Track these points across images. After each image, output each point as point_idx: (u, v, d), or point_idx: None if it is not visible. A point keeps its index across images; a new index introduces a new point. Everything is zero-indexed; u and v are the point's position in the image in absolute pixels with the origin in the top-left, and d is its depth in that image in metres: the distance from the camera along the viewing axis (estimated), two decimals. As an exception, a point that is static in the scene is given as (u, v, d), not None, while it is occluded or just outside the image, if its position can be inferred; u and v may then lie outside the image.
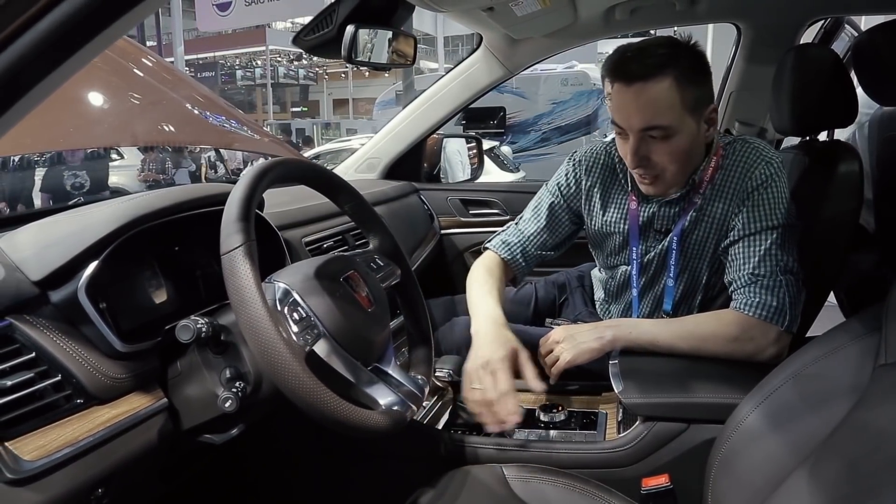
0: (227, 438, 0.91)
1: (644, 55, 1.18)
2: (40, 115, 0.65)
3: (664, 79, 1.17)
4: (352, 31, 1.22)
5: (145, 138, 2.41)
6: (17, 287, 0.80)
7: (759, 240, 1.25)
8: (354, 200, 1.01)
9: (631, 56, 1.19)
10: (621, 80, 1.19)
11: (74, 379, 0.78)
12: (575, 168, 1.48)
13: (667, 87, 1.17)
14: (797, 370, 0.87)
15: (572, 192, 1.48)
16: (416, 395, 0.91)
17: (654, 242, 1.41)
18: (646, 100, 1.18)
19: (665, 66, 1.17)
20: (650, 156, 1.24)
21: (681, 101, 1.19)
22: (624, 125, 1.23)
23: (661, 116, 1.19)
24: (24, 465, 0.70)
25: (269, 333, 0.70)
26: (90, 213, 0.89)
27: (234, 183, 0.86)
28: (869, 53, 1.40)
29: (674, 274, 1.37)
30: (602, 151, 1.47)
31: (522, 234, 1.50)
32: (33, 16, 0.54)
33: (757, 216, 1.26)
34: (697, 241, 1.35)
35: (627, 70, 1.19)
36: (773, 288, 1.20)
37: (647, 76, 1.17)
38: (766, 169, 1.27)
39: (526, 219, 1.52)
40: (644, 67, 1.17)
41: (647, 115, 1.19)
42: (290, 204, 1.39)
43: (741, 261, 1.26)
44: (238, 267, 0.73)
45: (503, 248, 1.49)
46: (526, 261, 1.49)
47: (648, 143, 1.22)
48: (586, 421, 1.30)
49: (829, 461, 0.72)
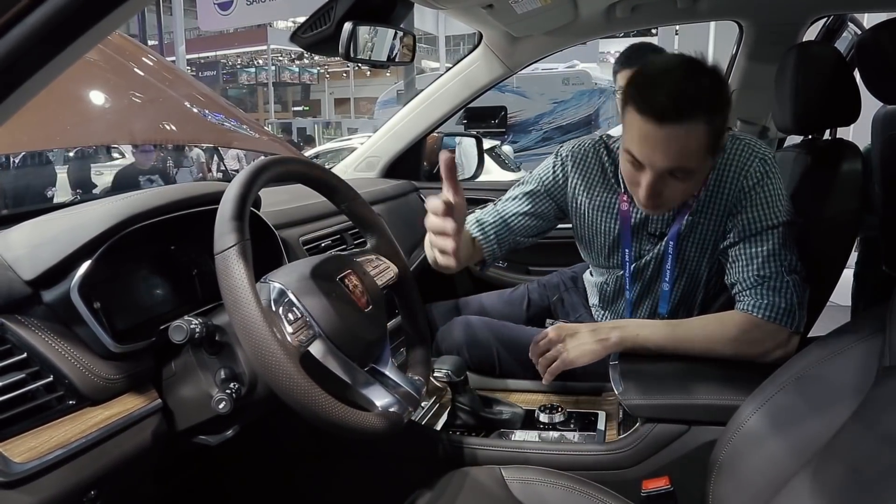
0: (221, 440, 0.90)
1: (677, 92, 1.08)
2: (37, 112, 0.64)
3: (697, 122, 1.09)
4: (349, 29, 1.21)
5: (143, 136, 2.40)
6: (9, 286, 0.79)
7: (762, 240, 1.22)
8: (351, 199, 1.00)
9: (662, 90, 1.09)
10: (651, 117, 1.10)
11: (67, 380, 0.78)
12: (562, 163, 1.42)
13: (698, 130, 1.10)
14: (799, 372, 0.86)
15: (558, 186, 1.42)
16: (413, 396, 0.90)
17: (648, 246, 1.37)
18: (676, 143, 1.10)
19: (698, 106, 1.09)
20: (663, 193, 1.18)
21: (708, 143, 1.13)
22: (644, 161, 1.15)
23: (689, 160, 1.13)
24: (15, 467, 0.69)
25: (262, 334, 0.69)
26: (83, 212, 0.88)
27: (229, 181, 0.85)
28: (872, 51, 1.39)
29: (670, 278, 1.34)
30: (590, 148, 1.41)
31: (499, 215, 1.41)
32: (22, 10, 0.53)
33: (757, 216, 1.23)
34: (695, 244, 1.32)
35: (659, 107, 1.09)
36: (780, 289, 1.19)
37: (680, 119, 1.08)
38: (762, 166, 1.24)
39: (507, 200, 1.44)
40: (678, 108, 1.08)
41: (674, 158, 1.12)
42: (287, 203, 1.38)
43: (744, 262, 1.23)
44: (232, 266, 0.72)
45: (475, 227, 1.40)
46: (499, 243, 1.40)
47: (665, 182, 1.16)
48: (586, 422, 1.29)
49: (831, 465, 0.71)
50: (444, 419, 1.34)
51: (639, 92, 1.12)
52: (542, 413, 1.30)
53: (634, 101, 1.12)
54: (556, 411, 1.30)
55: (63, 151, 5.79)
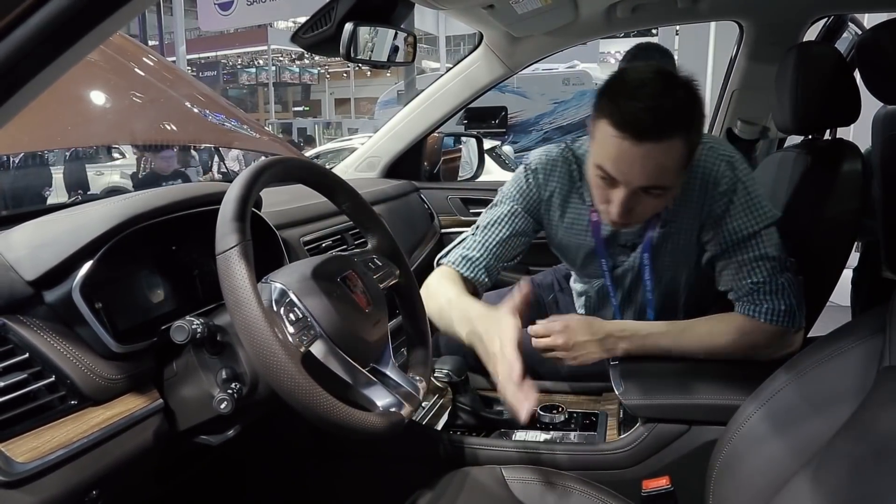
0: (223, 440, 0.91)
1: (656, 107, 1.04)
2: (38, 112, 0.65)
3: (676, 139, 1.06)
4: (350, 29, 1.22)
5: (144, 137, 2.40)
6: (11, 287, 0.79)
7: (748, 247, 1.21)
8: (352, 199, 1.00)
9: (640, 104, 1.04)
10: (629, 133, 1.05)
11: (69, 380, 0.78)
12: (533, 176, 1.37)
13: (676, 147, 1.07)
14: (800, 372, 0.86)
15: (531, 200, 1.38)
16: (414, 396, 0.90)
17: (622, 257, 1.35)
18: (654, 161, 1.07)
19: (676, 122, 1.06)
20: (635, 208, 1.14)
21: (684, 159, 1.11)
22: (619, 178, 1.10)
23: (666, 177, 1.10)
24: (17, 467, 0.69)
25: (264, 334, 0.70)
26: (85, 212, 0.88)
27: (230, 182, 0.86)
28: (873, 52, 1.39)
29: (651, 287, 1.33)
30: (559, 157, 1.36)
31: (485, 247, 1.37)
32: (24, 11, 0.53)
33: (739, 224, 1.21)
34: (669, 253, 1.30)
35: (637, 123, 1.04)
36: (776, 291, 1.19)
37: (660, 136, 1.05)
38: (730, 170, 1.21)
39: (486, 228, 1.38)
40: (657, 125, 1.04)
41: (652, 176, 1.09)
42: (288, 203, 1.38)
43: (734, 271, 1.22)
44: (233, 267, 0.72)
45: (464, 265, 1.36)
46: (489, 275, 1.37)
47: (639, 198, 1.13)
48: (587, 422, 1.30)
49: (831, 465, 0.71)
50: (444, 419, 1.34)
51: (615, 105, 1.07)
52: (542, 413, 1.30)
53: (610, 115, 1.07)
54: (556, 411, 1.30)
55: (62, 152, 5.78)
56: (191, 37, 20.40)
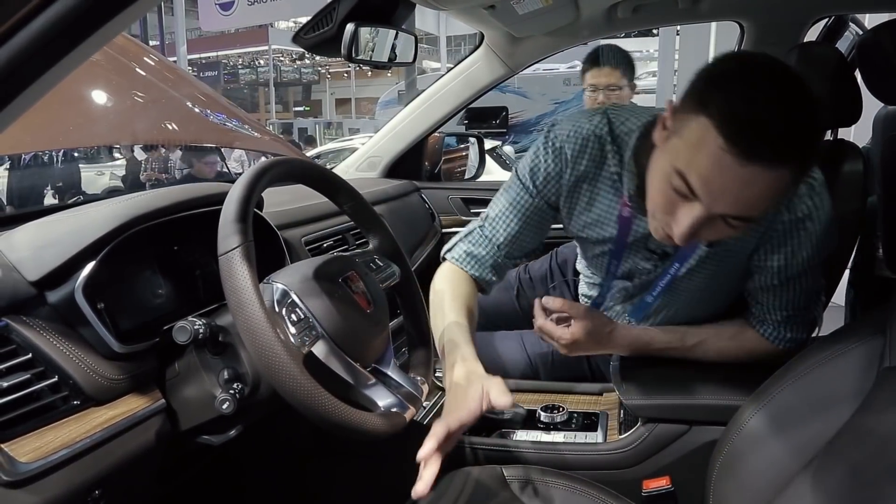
0: (225, 440, 0.91)
1: (784, 129, 0.82)
2: (40, 113, 0.65)
3: (788, 169, 0.85)
4: (352, 30, 1.22)
5: (146, 137, 2.41)
6: (14, 287, 0.79)
7: (799, 281, 1.11)
8: (353, 200, 1.01)
9: (768, 122, 0.82)
10: (742, 151, 0.82)
11: (71, 380, 0.78)
12: (555, 157, 1.16)
13: (783, 179, 0.85)
14: (800, 373, 0.87)
15: (552, 186, 1.18)
16: (416, 396, 0.90)
17: (645, 263, 1.20)
18: (756, 190, 0.86)
19: (796, 152, 0.85)
20: (702, 232, 0.93)
21: (786, 193, 0.91)
22: (703, 196, 0.88)
23: (759, 210, 0.89)
24: (21, 466, 0.69)
25: (266, 335, 0.70)
26: (87, 213, 0.89)
27: (232, 182, 0.86)
28: (874, 52, 1.39)
29: (658, 293, 1.20)
30: (591, 136, 1.13)
31: (492, 244, 1.23)
32: (29, 12, 0.53)
33: (801, 258, 1.08)
34: (707, 275, 1.16)
35: (756, 140, 0.82)
36: (805, 323, 1.16)
37: (775, 161, 0.83)
38: (809, 198, 1.04)
39: (494, 221, 1.23)
40: (778, 148, 0.83)
41: (745, 206, 0.88)
42: (289, 203, 1.38)
43: (772, 298, 1.14)
44: (235, 268, 0.73)
45: (470, 263, 1.24)
46: (498, 275, 1.25)
47: (714, 223, 0.91)
48: (587, 422, 1.29)
49: (831, 466, 0.71)
50: (445, 419, 1.34)
51: (728, 104, 0.83)
52: (543, 413, 1.30)
53: (720, 116, 0.83)
54: (557, 411, 1.30)
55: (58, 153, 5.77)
56: (192, 37, 20.43)
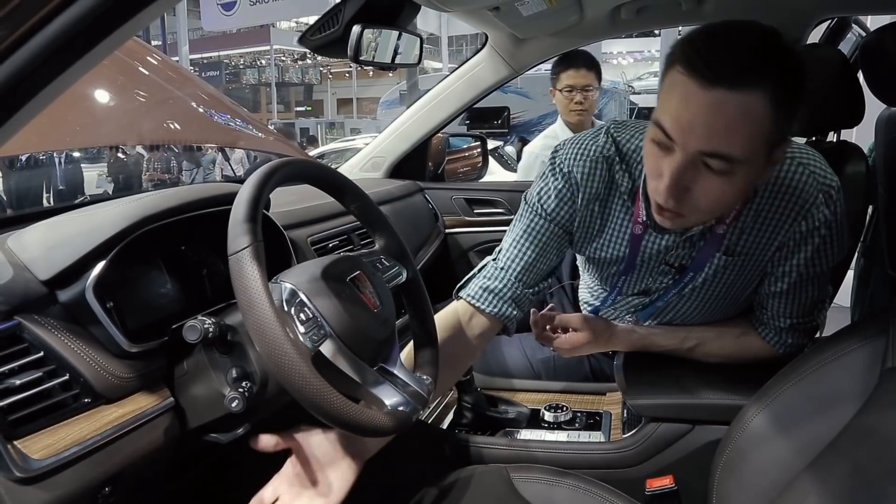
0: (233, 438, 0.92)
1: (738, 48, 0.84)
2: (47, 113, 0.66)
3: (756, 92, 0.83)
4: (358, 32, 1.23)
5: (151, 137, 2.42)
6: (26, 286, 0.80)
7: (810, 286, 1.11)
8: (360, 200, 1.01)
9: (720, 45, 0.84)
10: (698, 75, 0.83)
11: (82, 378, 0.79)
12: (565, 181, 1.13)
13: (756, 105, 0.84)
14: (803, 372, 0.87)
15: (563, 212, 1.15)
16: (422, 395, 0.91)
17: (662, 277, 1.17)
18: (724, 115, 0.85)
19: (764, 74, 0.83)
20: (691, 189, 0.92)
21: (766, 129, 0.87)
22: (676, 136, 0.88)
23: (734, 144, 0.86)
24: (33, 463, 0.70)
25: (276, 334, 0.70)
26: (97, 213, 0.89)
27: (240, 182, 0.86)
28: (877, 54, 1.40)
29: (668, 298, 1.19)
30: (599, 157, 1.11)
31: (509, 275, 1.17)
32: (46, 15, 0.54)
33: (814, 262, 1.07)
34: (723, 286, 1.14)
35: (712, 63, 0.83)
36: (809, 330, 1.17)
37: (737, 82, 0.82)
38: (827, 204, 1.02)
39: (508, 251, 1.18)
40: (736, 67, 0.82)
41: (715, 135, 0.86)
42: (295, 203, 1.39)
43: (780, 308, 1.13)
44: (245, 268, 0.73)
45: (487, 299, 1.16)
46: (518, 308, 1.18)
47: (698, 172, 0.90)
48: (591, 421, 1.31)
49: (834, 466, 0.71)
50: (450, 418, 1.35)
51: (690, 46, 0.86)
52: (547, 412, 1.31)
53: (682, 57, 0.86)
54: (561, 410, 1.31)
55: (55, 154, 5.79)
56: (194, 37, 20.45)
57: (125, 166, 8.09)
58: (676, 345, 1.21)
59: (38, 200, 5.22)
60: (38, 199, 5.19)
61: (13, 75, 0.54)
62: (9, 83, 0.55)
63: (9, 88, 0.55)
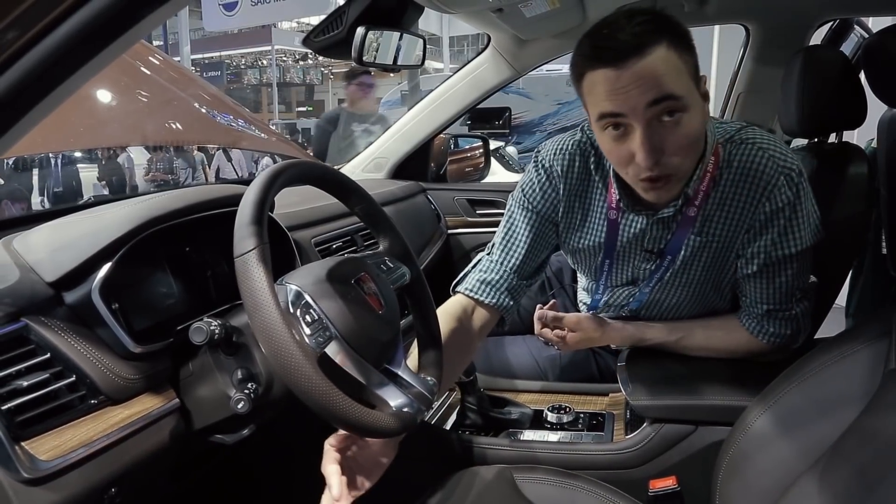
0: (238, 439, 0.92)
1: (627, 31, 0.97)
2: (52, 114, 0.66)
3: (659, 47, 0.96)
4: (362, 34, 1.23)
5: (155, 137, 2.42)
6: (32, 288, 0.81)
7: (781, 269, 1.14)
8: (364, 202, 1.02)
9: (611, 36, 0.98)
10: (611, 64, 0.97)
11: (88, 379, 0.79)
12: (547, 174, 1.23)
13: (665, 55, 0.97)
14: (806, 374, 0.87)
15: (548, 204, 1.24)
16: (426, 396, 0.91)
17: (645, 263, 1.23)
18: (648, 76, 0.96)
19: (655, 35, 0.97)
20: (663, 147, 1.01)
21: (683, 67, 0.99)
22: (625, 108, 0.99)
23: (671, 84, 0.97)
24: (40, 464, 0.70)
25: (282, 336, 0.71)
26: (103, 215, 0.90)
27: (245, 184, 0.87)
28: (879, 55, 1.40)
29: (653, 283, 1.24)
30: (575, 150, 1.22)
31: (504, 268, 1.25)
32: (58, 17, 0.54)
33: (782, 243, 1.12)
34: (701, 266, 1.19)
35: (615, 50, 0.96)
36: (787, 319, 1.18)
37: (641, 50, 0.95)
38: (788, 186, 1.09)
39: (501, 245, 1.28)
40: (634, 43, 0.96)
41: (653, 85, 0.97)
42: (299, 204, 1.39)
43: (757, 295, 1.18)
44: (252, 270, 0.74)
45: (485, 291, 1.24)
46: (514, 298, 1.26)
47: (659, 128, 1.00)
48: (594, 422, 1.31)
49: (836, 468, 0.72)
50: (453, 419, 1.36)
51: (590, 47, 1.00)
52: (550, 413, 1.31)
53: (588, 60, 1.00)
54: (564, 411, 1.31)
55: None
56: (195, 37, 20.47)
57: (117, 168, 8.11)
58: (665, 336, 1.25)
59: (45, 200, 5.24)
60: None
61: (23, 78, 0.55)
62: (18, 86, 0.55)
63: (18, 91, 0.56)
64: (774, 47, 1.92)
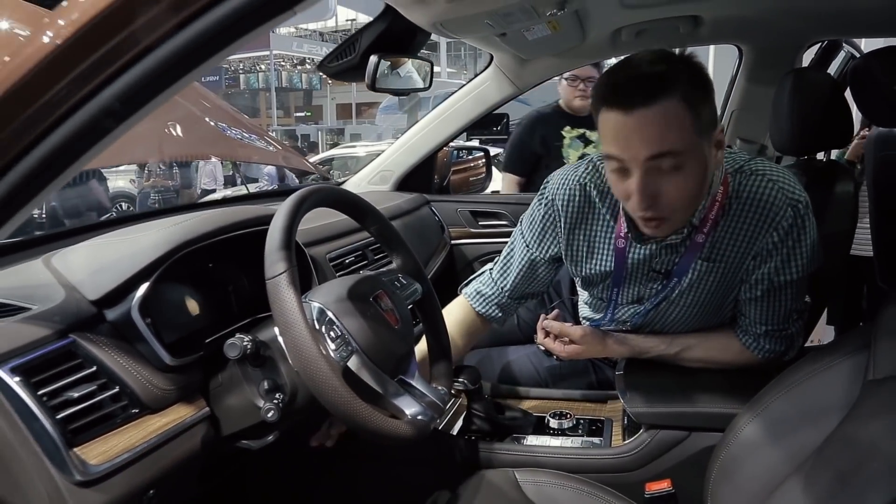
0: (263, 444, 0.98)
1: (642, 75, 1.01)
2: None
3: (670, 99, 0.99)
4: (375, 61, 1.29)
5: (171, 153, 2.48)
6: (78, 307, 0.87)
7: (782, 294, 1.19)
8: (379, 223, 1.08)
9: (626, 78, 1.03)
10: (619, 108, 1.01)
11: (129, 390, 0.85)
12: (547, 208, 1.30)
13: (674, 108, 1.00)
14: (792, 384, 0.93)
15: (547, 239, 1.33)
16: (438, 405, 0.97)
17: (652, 283, 1.26)
18: (652, 126, 1.00)
19: (668, 84, 0.99)
20: (659, 193, 1.05)
21: (691, 122, 1.01)
22: (625, 156, 1.03)
23: (672, 140, 1.01)
24: (91, 468, 0.77)
25: (311, 351, 0.77)
26: (139, 239, 0.97)
27: (259, 198, 0.93)
28: (865, 77, 1.45)
29: (656, 301, 1.28)
30: (576, 185, 1.27)
31: (497, 286, 1.40)
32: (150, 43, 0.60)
33: (785, 270, 1.16)
34: (706, 291, 1.23)
35: (625, 94, 1.01)
36: (784, 338, 1.23)
37: (650, 99, 0.99)
38: (795, 217, 1.13)
39: (499, 269, 1.41)
40: (645, 89, 0.99)
41: (654, 140, 1.00)
42: (312, 221, 1.45)
43: (756, 317, 1.22)
44: (283, 292, 0.80)
45: (478, 300, 1.42)
46: (503, 312, 1.42)
47: (657, 177, 1.04)
48: (593, 428, 1.36)
49: (819, 473, 0.77)
50: (459, 424, 1.41)
51: (605, 88, 1.04)
52: (552, 419, 1.36)
53: (602, 100, 1.04)
54: (565, 418, 1.36)
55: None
56: (194, 41, 20.39)
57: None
58: (664, 349, 1.29)
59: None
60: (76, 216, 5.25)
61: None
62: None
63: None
64: (766, 67, 1.98)
